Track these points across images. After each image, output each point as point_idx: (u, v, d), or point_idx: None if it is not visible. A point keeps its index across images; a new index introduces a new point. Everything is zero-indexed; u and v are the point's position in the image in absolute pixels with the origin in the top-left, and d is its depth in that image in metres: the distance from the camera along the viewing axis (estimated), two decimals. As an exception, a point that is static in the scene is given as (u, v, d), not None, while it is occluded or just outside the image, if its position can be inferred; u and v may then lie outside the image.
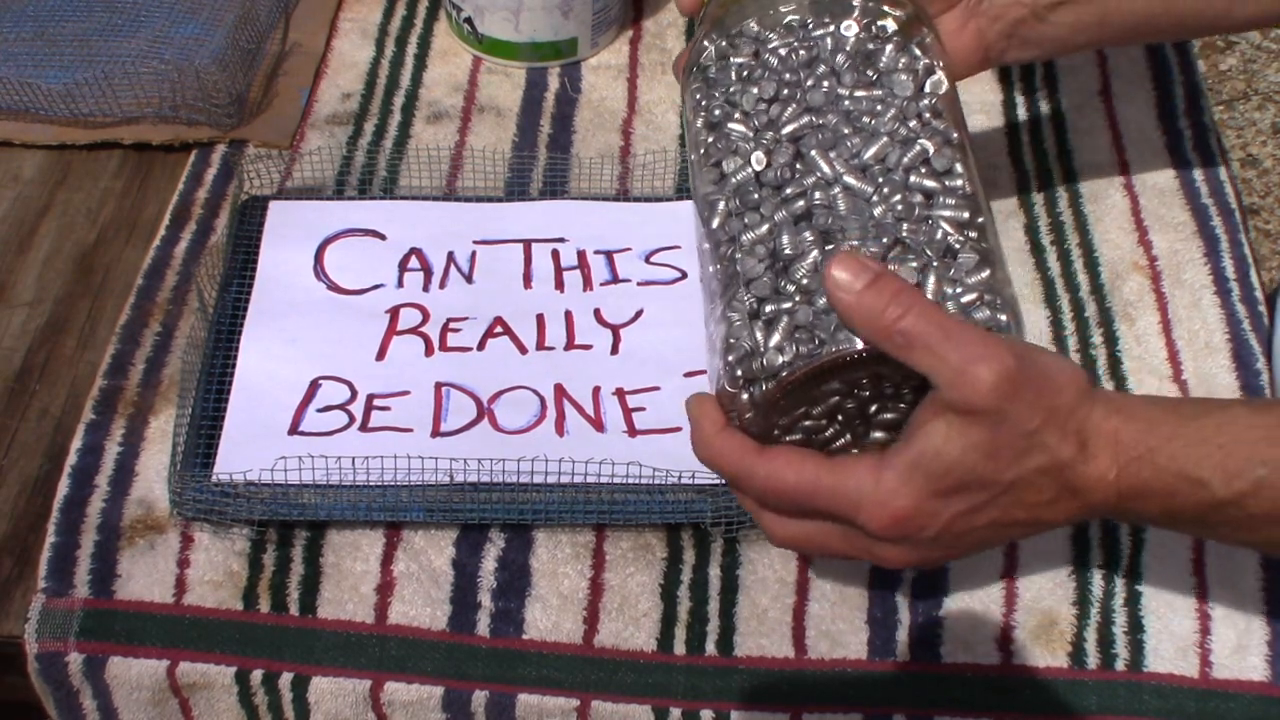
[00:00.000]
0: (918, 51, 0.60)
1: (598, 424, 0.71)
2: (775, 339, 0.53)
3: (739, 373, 0.54)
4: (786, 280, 0.54)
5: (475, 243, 0.80)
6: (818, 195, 0.55)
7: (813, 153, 0.56)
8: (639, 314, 0.77)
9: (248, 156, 0.84)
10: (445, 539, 0.69)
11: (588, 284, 0.78)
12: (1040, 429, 0.50)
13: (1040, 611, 0.67)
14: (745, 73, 0.60)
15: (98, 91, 0.86)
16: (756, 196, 0.57)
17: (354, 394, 0.72)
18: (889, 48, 0.59)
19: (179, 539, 0.68)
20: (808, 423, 0.54)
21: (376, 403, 0.72)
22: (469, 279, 0.78)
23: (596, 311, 0.77)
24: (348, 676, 0.65)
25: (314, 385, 0.72)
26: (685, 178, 0.85)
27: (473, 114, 0.90)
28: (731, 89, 0.60)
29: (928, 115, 0.58)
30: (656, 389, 0.73)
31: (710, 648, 0.66)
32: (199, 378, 0.72)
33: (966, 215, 0.55)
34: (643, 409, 0.72)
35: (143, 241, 0.82)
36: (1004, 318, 0.53)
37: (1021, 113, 0.90)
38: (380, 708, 0.66)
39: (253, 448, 0.69)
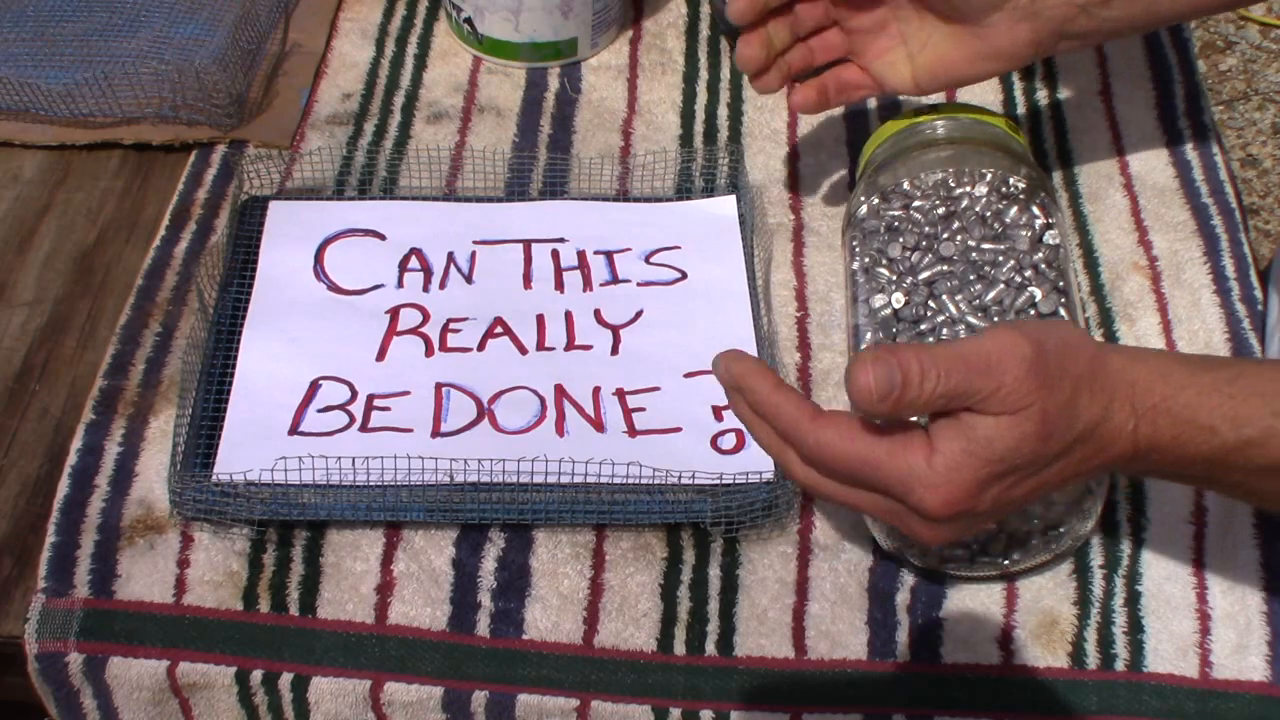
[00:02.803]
0: (1036, 211, 0.72)
1: (598, 424, 0.71)
2: None
3: None
4: None
5: (475, 243, 0.80)
6: (944, 331, 0.68)
7: (943, 296, 0.69)
8: (639, 314, 0.77)
9: (248, 157, 0.84)
10: (445, 539, 0.69)
11: (588, 284, 0.78)
12: (1073, 396, 0.52)
13: (1040, 611, 0.67)
14: (895, 224, 0.72)
15: (98, 91, 0.86)
16: (895, 330, 0.69)
17: (354, 394, 0.72)
18: (1014, 209, 0.71)
19: (179, 539, 0.68)
20: None
21: (377, 403, 0.72)
22: (469, 279, 0.78)
23: (596, 312, 0.77)
24: (348, 677, 0.65)
25: (314, 385, 0.72)
26: (685, 178, 0.85)
27: (473, 114, 0.90)
28: (881, 239, 0.73)
29: (1041, 265, 0.70)
30: (656, 389, 0.73)
31: (710, 648, 0.66)
32: (199, 378, 0.72)
33: None
34: (643, 409, 0.72)
35: (143, 241, 0.82)
36: None
37: (1022, 113, 0.90)
38: (380, 708, 0.66)
39: (253, 448, 0.69)
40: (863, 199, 0.76)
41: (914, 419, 0.55)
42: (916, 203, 0.73)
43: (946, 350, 0.52)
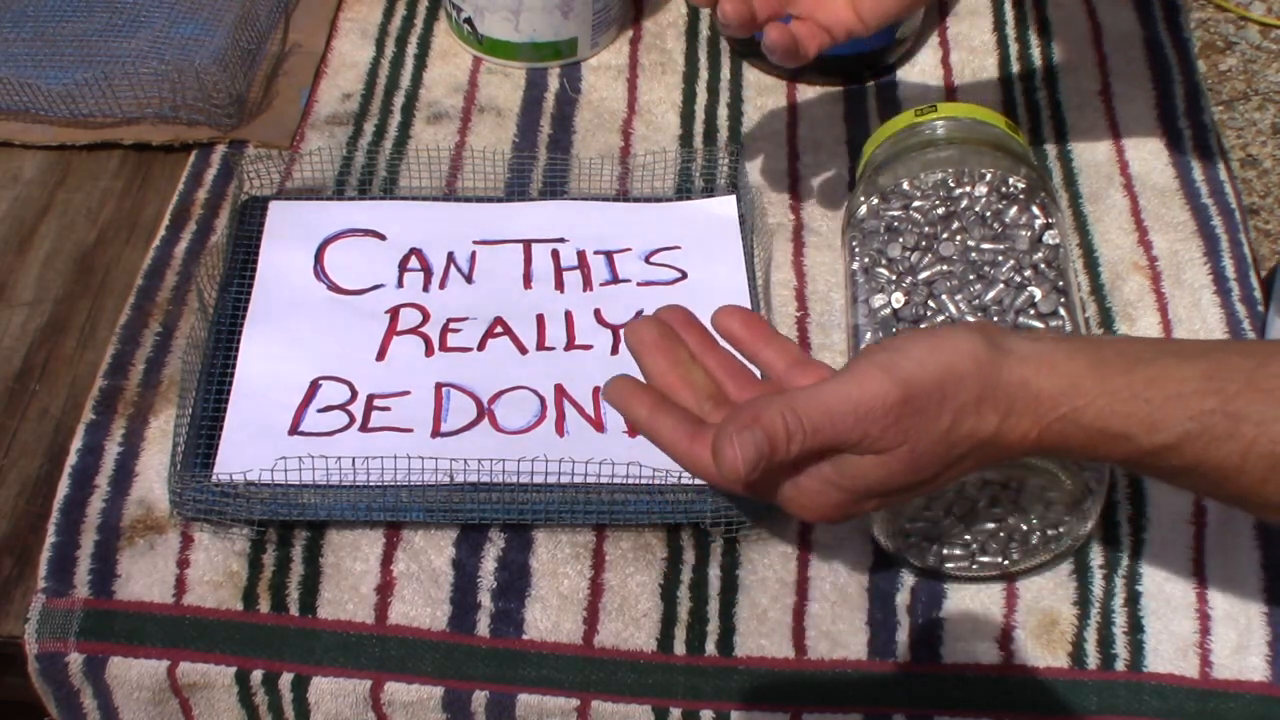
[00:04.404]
0: (1036, 211, 0.71)
1: (598, 424, 0.71)
2: None
3: None
4: None
5: (475, 243, 0.80)
6: None
7: (943, 296, 0.68)
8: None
9: (248, 157, 0.84)
10: (445, 539, 0.69)
11: (588, 284, 0.78)
12: (953, 425, 0.52)
13: (1040, 611, 0.67)
14: (895, 224, 0.72)
15: (98, 91, 0.86)
16: (895, 330, 0.69)
17: (354, 394, 0.72)
18: (1014, 209, 0.71)
19: (179, 539, 0.68)
20: (928, 512, 0.65)
21: (377, 403, 0.72)
22: (469, 279, 0.78)
23: (597, 312, 0.77)
24: (348, 677, 0.65)
25: (314, 385, 0.72)
26: (685, 178, 0.85)
27: (473, 114, 0.90)
28: (881, 239, 0.72)
29: (1041, 265, 0.69)
30: (656, 389, 0.73)
31: (710, 648, 0.66)
32: (199, 378, 0.72)
33: None
34: (643, 409, 0.72)
35: (143, 241, 0.82)
36: None
37: (1021, 113, 0.90)
38: (380, 708, 0.66)
39: (253, 448, 0.69)
40: (863, 199, 0.76)
41: None
42: (916, 203, 0.73)
43: (813, 402, 0.51)
